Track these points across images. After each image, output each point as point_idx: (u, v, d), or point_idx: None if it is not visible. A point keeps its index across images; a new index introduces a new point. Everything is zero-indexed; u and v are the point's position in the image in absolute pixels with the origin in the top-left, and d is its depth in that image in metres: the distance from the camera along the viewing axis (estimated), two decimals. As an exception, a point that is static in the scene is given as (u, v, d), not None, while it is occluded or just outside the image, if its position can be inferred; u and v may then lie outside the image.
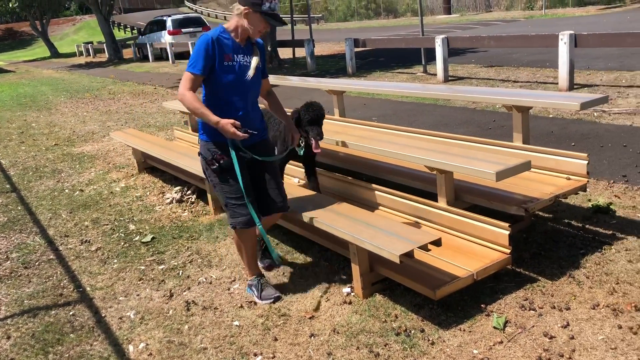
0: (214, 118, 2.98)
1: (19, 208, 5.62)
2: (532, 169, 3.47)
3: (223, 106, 3.10)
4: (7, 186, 6.50)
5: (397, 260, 2.74)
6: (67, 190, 6.08)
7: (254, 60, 3.13)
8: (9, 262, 4.32)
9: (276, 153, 3.79)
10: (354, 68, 13.16)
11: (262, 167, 3.26)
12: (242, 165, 3.13)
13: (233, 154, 3.10)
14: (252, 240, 3.34)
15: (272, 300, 3.33)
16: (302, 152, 3.67)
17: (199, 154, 3.26)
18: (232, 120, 2.97)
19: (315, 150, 3.61)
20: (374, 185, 4.02)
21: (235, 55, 3.08)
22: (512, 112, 4.23)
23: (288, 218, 3.91)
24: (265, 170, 3.28)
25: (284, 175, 4.16)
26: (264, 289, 3.38)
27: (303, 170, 4.22)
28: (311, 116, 3.63)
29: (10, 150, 8.53)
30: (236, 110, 3.12)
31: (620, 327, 2.70)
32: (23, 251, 4.50)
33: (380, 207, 3.94)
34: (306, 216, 3.39)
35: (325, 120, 3.81)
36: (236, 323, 3.13)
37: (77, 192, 5.96)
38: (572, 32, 8.28)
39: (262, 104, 3.51)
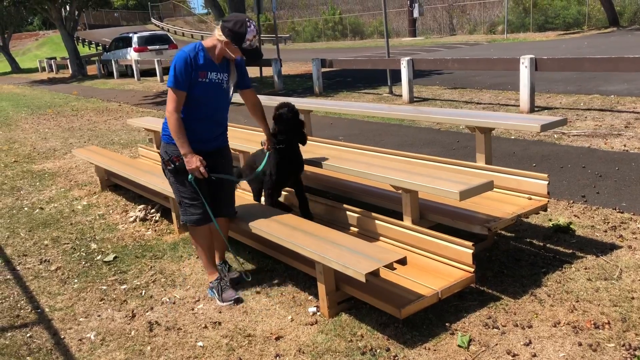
0: (186, 149, 3.25)
1: (-25, 226, 5.44)
2: (494, 189, 3.55)
3: (194, 113, 3.33)
4: (-37, 204, 6.29)
5: (363, 279, 2.74)
6: (26, 208, 5.91)
7: (232, 78, 3.43)
8: (-38, 282, 4.16)
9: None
10: (321, 88, 13.27)
11: (216, 171, 3.47)
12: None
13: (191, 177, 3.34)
14: (205, 239, 3.55)
15: (232, 301, 3.47)
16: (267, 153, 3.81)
17: (159, 154, 3.48)
18: (200, 158, 3.26)
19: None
20: (344, 205, 4.04)
21: (209, 72, 3.29)
22: (475, 133, 4.32)
23: (254, 236, 3.88)
24: (219, 181, 3.51)
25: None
26: (224, 291, 3.52)
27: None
28: (281, 112, 3.74)
29: (-33, 167, 8.27)
30: (203, 118, 3.37)
31: (580, 344, 2.75)
32: (-22, 271, 4.35)
33: (346, 226, 3.95)
34: (272, 235, 3.37)
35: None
36: (200, 344, 3.07)
37: (37, 210, 5.80)
38: (532, 56, 8.54)
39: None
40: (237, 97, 3.76)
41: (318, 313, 3.27)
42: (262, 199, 4.20)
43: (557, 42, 22.62)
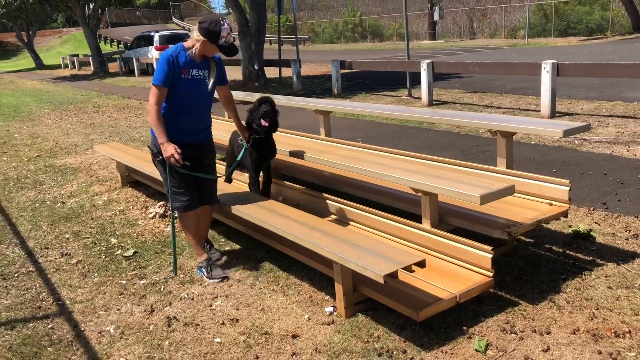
0: (163, 138, 3.57)
1: (-1, 219, 5.54)
2: (515, 194, 3.53)
3: (179, 109, 3.68)
4: (-13, 196, 6.41)
5: (381, 281, 2.75)
6: (48, 202, 6.01)
7: (211, 74, 3.74)
8: (-14, 273, 4.25)
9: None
10: (340, 89, 13.28)
11: (202, 165, 3.83)
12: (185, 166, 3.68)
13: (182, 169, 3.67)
14: (193, 224, 3.89)
15: (220, 279, 3.81)
16: (248, 145, 4.19)
17: (148, 146, 3.85)
18: (175, 146, 3.56)
19: (264, 124, 4.08)
20: (360, 206, 4.05)
21: (191, 70, 3.63)
22: (496, 137, 4.30)
23: (272, 235, 3.91)
24: (202, 168, 3.84)
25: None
26: (213, 270, 3.87)
27: (283, 188, 4.31)
28: (264, 110, 4.09)
29: (-10, 160, 8.42)
30: (189, 113, 3.71)
31: (600, 352, 2.73)
32: (2, 262, 4.42)
33: (365, 228, 3.96)
34: (290, 234, 3.39)
35: (311, 139, 3.85)
36: (217, 340, 3.10)
37: (59, 204, 5.89)
38: (554, 61, 8.47)
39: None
40: (241, 97, 3.80)
41: (335, 313, 3.28)
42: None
43: (579, 47, 22.39)
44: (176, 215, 3.93)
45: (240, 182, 5.10)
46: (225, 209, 4.12)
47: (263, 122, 4.09)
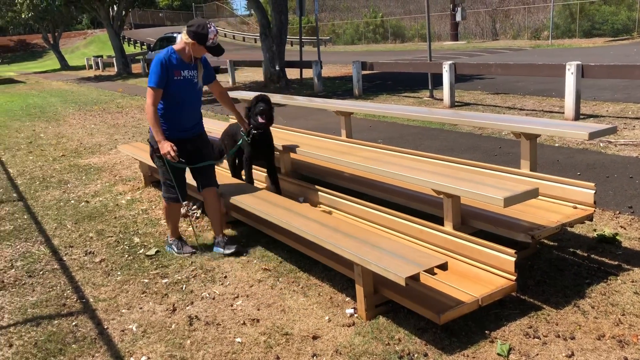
0: (160, 136, 3.92)
1: (25, 217, 5.63)
2: (538, 197, 3.48)
3: (174, 107, 4.01)
4: (14, 195, 6.53)
5: (403, 283, 2.73)
6: (72, 201, 6.10)
7: (199, 74, 4.06)
8: (13, 270, 4.32)
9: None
10: (361, 90, 13.26)
11: (200, 155, 4.19)
12: (183, 158, 4.03)
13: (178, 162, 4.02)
14: (175, 215, 4.38)
15: (188, 254, 4.31)
16: (248, 139, 4.57)
17: (148, 141, 4.20)
18: (171, 144, 3.89)
19: (261, 121, 4.48)
20: (381, 208, 4.03)
21: (182, 71, 3.96)
22: (520, 139, 4.26)
23: (292, 236, 3.91)
24: (202, 157, 4.20)
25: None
26: (182, 247, 4.37)
27: (305, 189, 4.37)
28: (261, 108, 4.48)
29: (18, 160, 8.58)
30: (183, 110, 4.05)
31: (626, 359, 2.68)
32: (28, 260, 4.51)
33: (387, 230, 3.94)
34: (312, 235, 3.40)
35: (332, 140, 3.87)
36: (238, 340, 3.12)
37: (83, 203, 5.98)
38: (579, 62, 8.35)
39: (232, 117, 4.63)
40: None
41: (355, 315, 3.27)
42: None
43: (604, 48, 22.03)
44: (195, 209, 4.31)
45: (256, 180, 5.15)
46: (247, 210, 4.14)
47: (260, 119, 4.48)
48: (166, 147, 3.89)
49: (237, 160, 5.06)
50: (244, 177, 4.95)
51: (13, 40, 62.73)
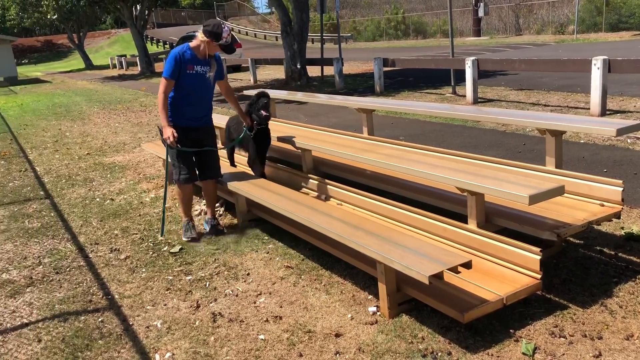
0: (165, 122, 4.31)
1: (52, 214, 5.74)
2: (564, 194, 3.43)
3: (184, 98, 4.39)
4: (41, 193, 6.65)
5: (426, 281, 2.72)
6: (98, 199, 6.19)
7: (212, 70, 4.45)
8: (41, 266, 4.41)
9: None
10: (382, 87, 13.21)
11: (203, 145, 4.54)
12: (187, 145, 4.44)
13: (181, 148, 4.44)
14: (187, 195, 4.64)
15: (189, 239, 4.61)
16: (252, 132, 4.90)
17: (158, 126, 4.61)
18: (173, 130, 4.28)
19: (265, 114, 4.79)
20: (404, 206, 4.01)
21: (195, 66, 4.35)
22: (545, 136, 4.20)
23: (315, 234, 3.92)
24: (203, 147, 4.55)
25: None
26: (187, 230, 4.67)
27: (325, 187, 4.41)
28: (264, 102, 4.80)
29: (45, 158, 8.73)
30: (193, 101, 4.43)
31: (654, 359, 2.63)
32: (55, 257, 4.59)
33: (409, 228, 3.92)
34: (334, 233, 3.39)
35: (354, 138, 3.86)
36: (262, 337, 3.13)
37: (108, 201, 6.06)
38: (605, 57, 8.20)
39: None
40: (283, 96, 3.81)
41: (378, 313, 3.27)
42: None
43: (632, 42, 21.59)
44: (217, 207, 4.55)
45: (243, 165, 5.65)
46: (269, 208, 4.15)
47: (263, 113, 4.77)
48: (168, 132, 4.28)
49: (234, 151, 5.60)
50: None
51: (40, 41, 63.87)
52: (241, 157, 5.71)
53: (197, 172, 4.60)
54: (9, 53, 30.02)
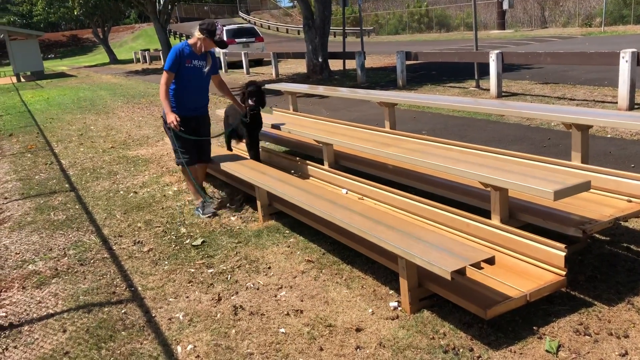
0: (168, 109, 4.81)
1: (77, 207, 5.82)
2: (590, 190, 3.36)
3: (183, 89, 4.90)
4: (66, 185, 6.76)
5: (449, 277, 2.69)
6: (121, 192, 6.26)
7: (208, 64, 4.98)
8: (66, 258, 4.48)
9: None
10: (405, 81, 13.11)
11: (199, 133, 5.07)
12: (186, 131, 4.93)
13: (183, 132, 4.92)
14: (193, 174, 5.13)
15: (210, 215, 5.06)
16: (247, 119, 5.33)
17: (161, 116, 5.01)
18: (176, 115, 4.77)
19: (251, 103, 5.25)
20: (426, 200, 3.98)
21: (193, 60, 4.88)
22: (571, 130, 4.12)
23: (335, 228, 3.91)
24: (199, 135, 5.09)
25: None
26: (205, 208, 5.13)
27: (348, 180, 4.33)
28: (250, 90, 5.26)
29: (70, 151, 8.87)
30: (191, 92, 4.94)
31: (683, 358, 2.57)
32: (79, 249, 4.66)
33: (431, 223, 3.89)
34: (355, 227, 3.38)
35: (376, 132, 3.83)
36: (282, 330, 3.14)
37: (131, 194, 6.13)
38: (634, 49, 8.02)
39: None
40: (304, 90, 3.79)
41: (399, 308, 3.25)
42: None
43: (661, 35, 21.08)
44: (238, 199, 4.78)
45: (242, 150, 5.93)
46: (290, 202, 4.15)
47: (250, 102, 5.25)
48: (171, 118, 4.75)
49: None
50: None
51: (65, 36, 64.87)
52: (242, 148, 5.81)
53: (195, 155, 5.10)
54: (35, 48, 30.47)
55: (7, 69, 36.28)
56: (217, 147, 6.18)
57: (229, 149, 6.00)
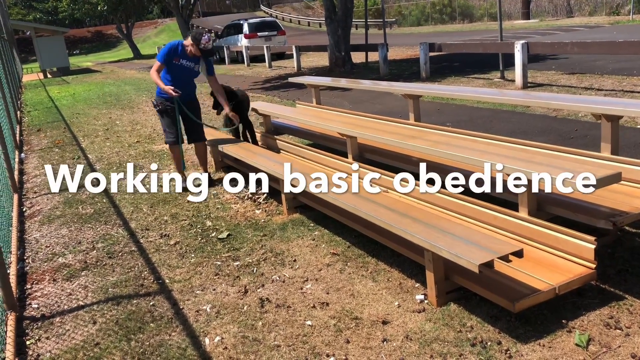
0: (162, 84, 5.53)
1: (104, 201, 5.91)
2: (621, 181, 3.30)
3: (172, 81, 5.58)
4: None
5: (476, 270, 2.67)
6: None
7: (197, 65, 5.71)
8: (95, 251, 4.56)
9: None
10: (428, 73, 13.00)
11: (187, 116, 5.73)
12: (177, 110, 5.68)
13: (177, 101, 5.66)
14: (176, 154, 5.92)
15: (181, 189, 5.84)
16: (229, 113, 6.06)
17: (152, 101, 5.89)
18: (172, 87, 5.49)
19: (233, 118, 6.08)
20: (453, 193, 3.95)
21: (181, 60, 5.59)
22: (600, 121, 4.05)
23: (360, 221, 3.90)
24: (189, 116, 5.76)
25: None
26: (182, 182, 5.94)
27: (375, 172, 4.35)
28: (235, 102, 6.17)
29: (96, 146, 9.00)
30: (177, 85, 5.57)
31: None
32: (108, 242, 4.73)
33: (458, 215, 3.86)
34: (381, 221, 3.37)
35: (400, 124, 3.80)
36: (309, 323, 3.15)
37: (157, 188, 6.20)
38: (665, 38, 7.82)
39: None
40: (327, 82, 3.78)
41: (426, 301, 3.24)
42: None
43: (692, 22, 20.52)
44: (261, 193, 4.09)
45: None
46: (316, 195, 4.16)
47: (233, 116, 6.05)
48: (168, 89, 5.47)
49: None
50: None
51: (90, 32, 65.74)
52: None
53: (184, 137, 5.90)
54: (61, 44, 30.92)
55: (34, 65, 36.96)
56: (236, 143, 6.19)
57: (237, 137, 6.70)
